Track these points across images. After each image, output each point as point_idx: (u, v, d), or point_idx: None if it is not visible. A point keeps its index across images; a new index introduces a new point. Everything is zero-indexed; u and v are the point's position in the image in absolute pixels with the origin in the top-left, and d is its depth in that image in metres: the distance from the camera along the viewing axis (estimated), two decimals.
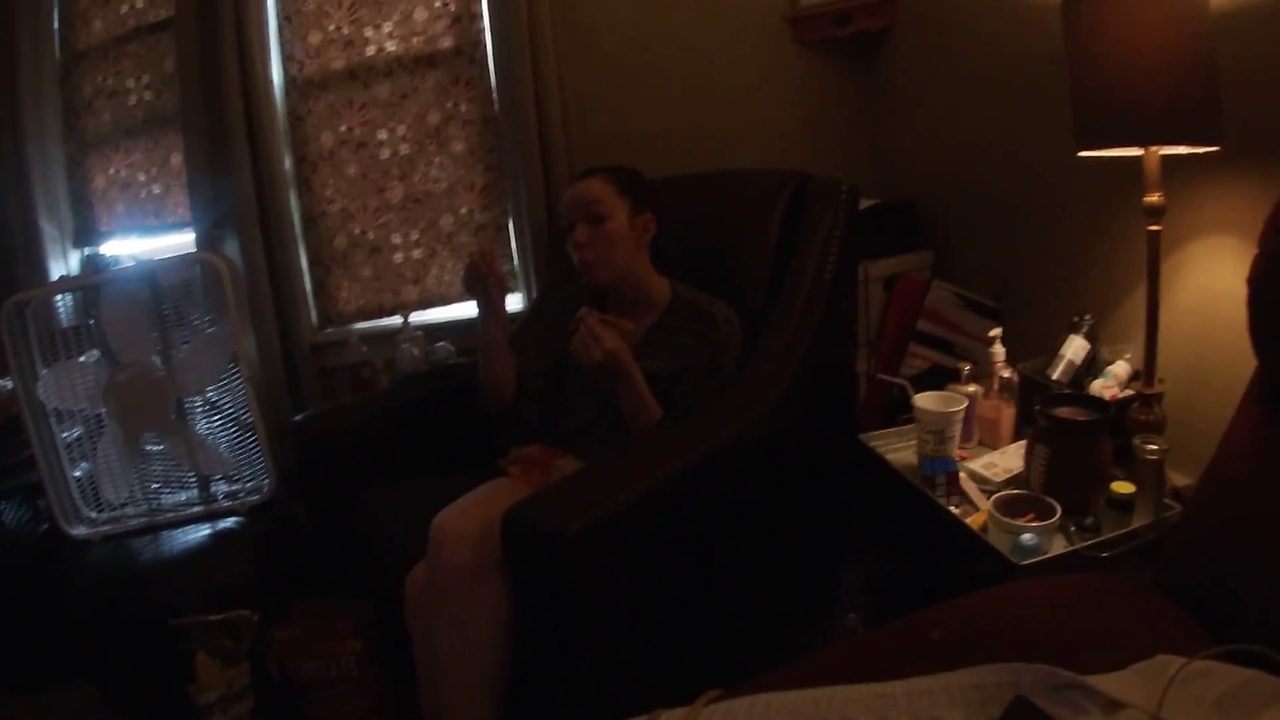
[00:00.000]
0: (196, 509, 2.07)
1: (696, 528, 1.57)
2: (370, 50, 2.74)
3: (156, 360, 2.04)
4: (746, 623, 1.73)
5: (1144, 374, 1.67)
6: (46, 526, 2.25)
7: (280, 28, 2.73)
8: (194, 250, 2.67)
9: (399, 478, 1.96)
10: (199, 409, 2.07)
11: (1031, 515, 1.51)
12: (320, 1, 2.71)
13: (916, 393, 1.80)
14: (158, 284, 2.03)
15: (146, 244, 3.03)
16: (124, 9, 2.97)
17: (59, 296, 2.46)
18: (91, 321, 2.10)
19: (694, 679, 1.03)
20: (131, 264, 2.07)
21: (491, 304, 1.91)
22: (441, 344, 2.48)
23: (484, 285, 1.87)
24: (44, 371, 2.05)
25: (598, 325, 1.62)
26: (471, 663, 1.50)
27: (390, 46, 2.74)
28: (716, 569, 1.63)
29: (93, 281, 2.09)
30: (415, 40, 2.73)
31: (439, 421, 2.12)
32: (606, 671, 1.42)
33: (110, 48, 3.02)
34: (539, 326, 2.09)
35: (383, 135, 2.77)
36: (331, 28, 2.73)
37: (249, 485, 2.08)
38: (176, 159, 2.91)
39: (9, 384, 2.67)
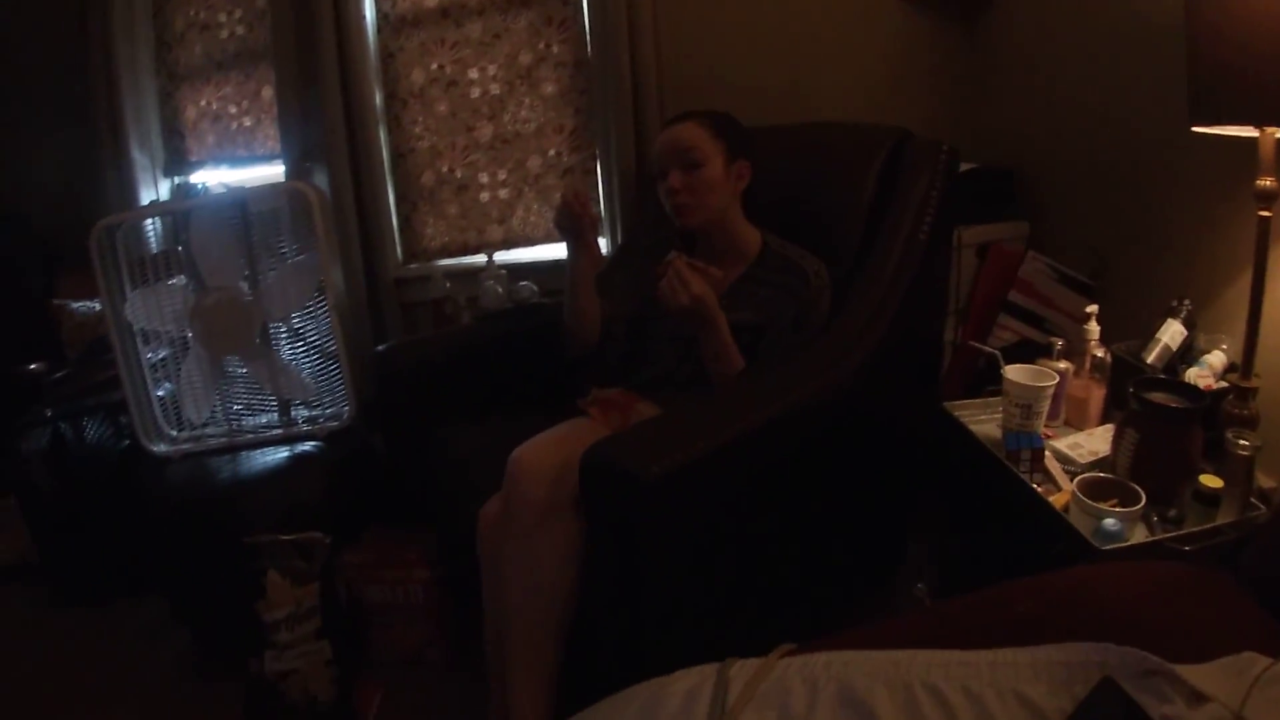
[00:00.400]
0: (276, 432, 2.10)
1: (771, 483, 1.54)
2: None
3: (244, 286, 2.06)
4: (812, 583, 1.70)
5: (1241, 366, 1.58)
6: (127, 443, 2.31)
7: None
8: (262, 184, 2.67)
9: (477, 413, 1.96)
10: (283, 335, 2.09)
11: (1115, 501, 1.45)
12: None
13: (1006, 364, 1.74)
14: (248, 211, 2.05)
15: (235, 175, 3.08)
16: None
17: (149, 222, 2.53)
18: (180, 248, 2.14)
19: (754, 635, 1.01)
20: (222, 190, 2.10)
21: (583, 245, 1.89)
22: (525, 283, 2.47)
23: (577, 226, 1.85)
24: (132, 293, 2.09)
25: (686, 269, 1.59)
26: (539, 597, 1.49)
27: None
28: (787, 526, 1.60)
29: (183, 206, 2.12)
30: None
31: (519, 359, 2.12)
32: (669, 618, 1.41)
33: None
34: (624, 272, 2.06)
35: (473, 74, 2.75)
36: None
37: (328, 412, 2.11)
38: (267, 92, 2.94)
39: (96, 306, 2.76)
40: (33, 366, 2.61)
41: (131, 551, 2.36)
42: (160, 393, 2.14)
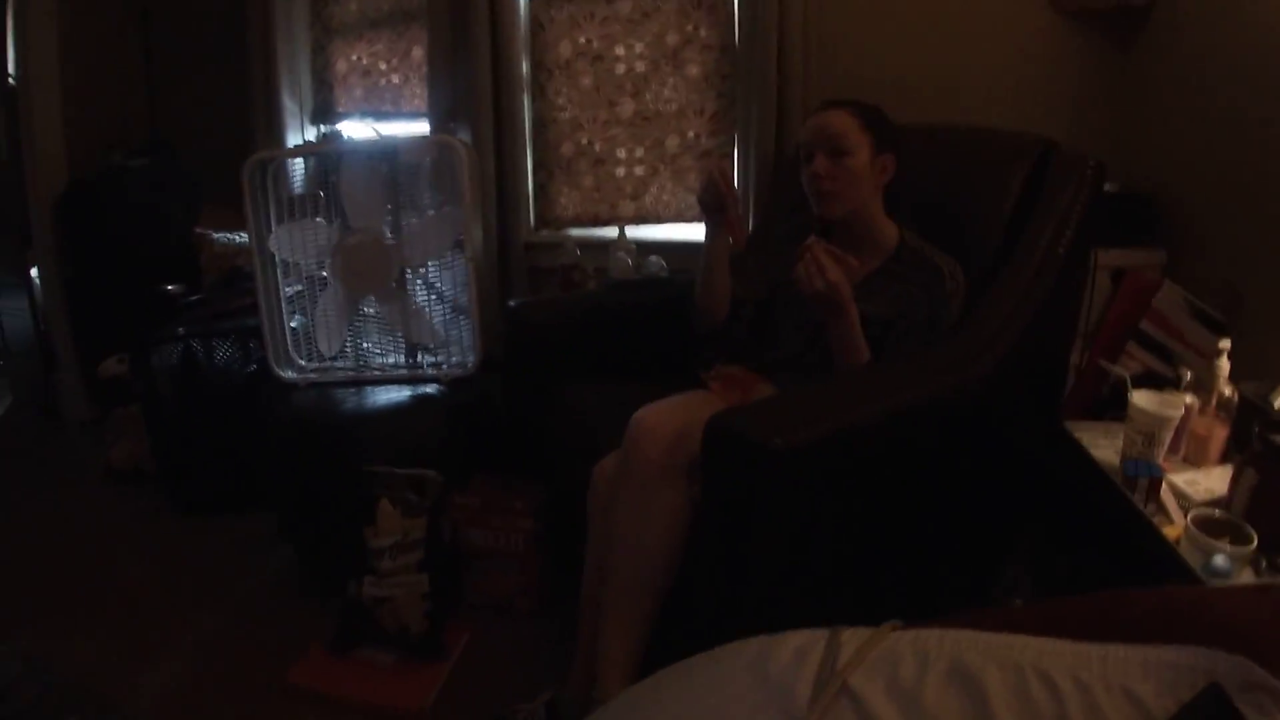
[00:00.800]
0: (400, 373, 2.18)
1: (885, 474, 1.53)
2: None
3: (386, 230, 2.15)
4: (911, 580, 1.70)
5: None
6: (255, 367, 2.43)
7: None
8: (413, 136, 2.75)
9: (598, 375, 2.00)
10: (419, 282, 2.17)
11: (1227, 539, 1.42)
12: None
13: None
14: (398, 159, 2.13)
15: (380, 128, 3.13)
16: None
17: (296, 164, 2.64)
18: (323, 191, 2.23)
19: (852, 617, 1.03)
20: (373, 139, 2.19)
21: (724, 223, 1.90)
22: (654, 258, 2.52)
23: (721, 203, 1.87)
24: (279, 226, 2.19)
25: (823, 255, 1.59)
26: (643, 555, 1.52)
27: None
28: (895, 520, 1.60)
29: (337, 149, 2.21)
30: None
31: (644, 328, 2.15)
32: (772, 590, 1.42)
33: None
34: (758, 255, 2.06)
35: (620, 51, 2.80)
36: None
37: (453, 360, 2.17)
38: (418, 52, 3.05)
39: (234, 238, 2.90)
40: (171, 288, 2.76)
41: (245, 469, 2.48)
42: (293, 324, 2.24)
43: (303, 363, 2.24)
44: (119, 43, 3.77)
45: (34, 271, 3.79)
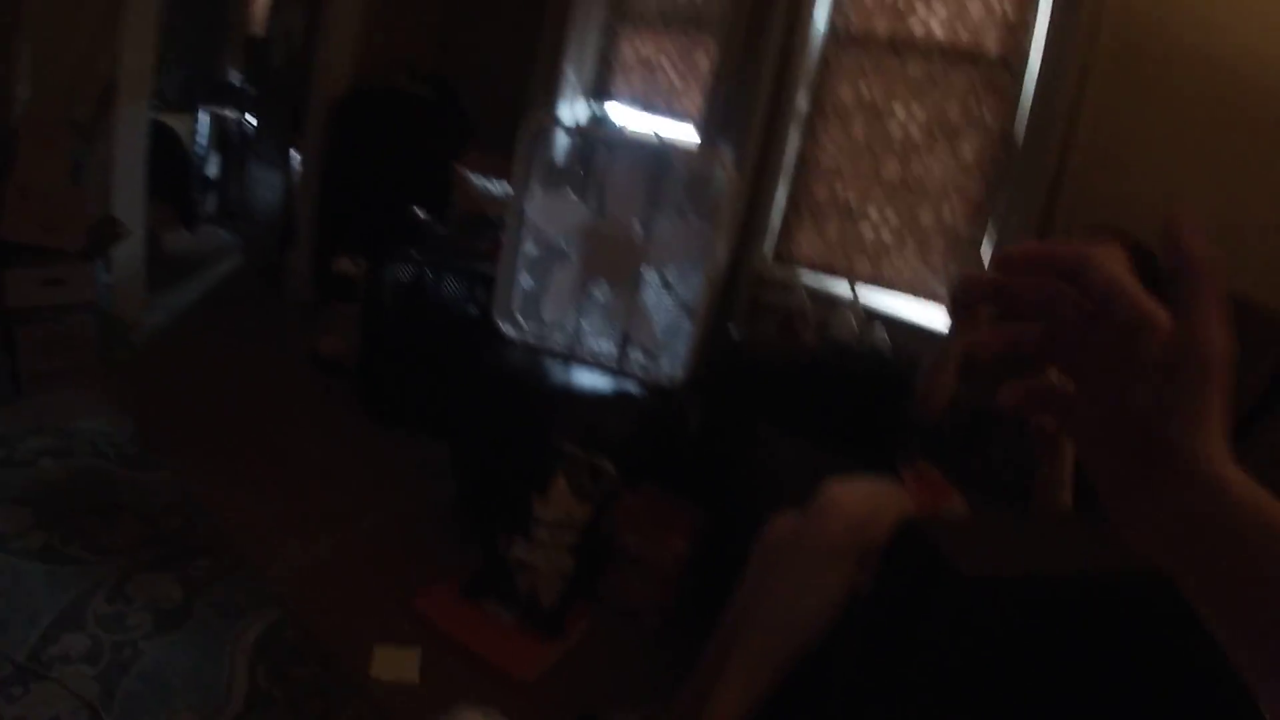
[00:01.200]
0: (609, 362, 2.26)
1: (1077, 639, 1.48)
2: (915, 26, 2.73)
3: (637, 226, 2.22)
4: None
5: None
6: (475, 311, 2.58)
7: None
8: (690, 145, 2.83)
9: (797, 426, 2.02)
10: (653, 283, 2.23)
11: None
12: None
13: None
14: (667, 162, 2.20)
15: (647, 121, 3.24)
16: None
17: (561, 135, 2.76)
18: (582, 172, 2.33)
19: None
20: (650, 136, 2.26)
21: (969, 327, 1.86)
22: (878, 326, 2.49)
23: (973, 305, 1.82)
24: (541, 192, 2.31)
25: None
26: (789, 630, 1.52)
27: (935, 29, 2.71)
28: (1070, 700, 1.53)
29: (615, 137, 2.31)
30: (961, 33, 2.68)
31: (854, 398, 2.15)
32: (908, 711, 1.41)
33: None
34: (990, 364, 2.03)
35: (899, 111, 2.78)
36: None
37: (663, 366, 2.22)
38: (703, 61, 3.11)
39: (490, 184, 3.06)
40: (420, 213, 2.94)
41: (436, 398, 2.63)
42: (524, 284, 2.35)
43: (522, 322, 2.35)
44: None
45: (295, 157, 4.12)
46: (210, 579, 2.00)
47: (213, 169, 6.04)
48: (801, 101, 2.83)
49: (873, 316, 2.60)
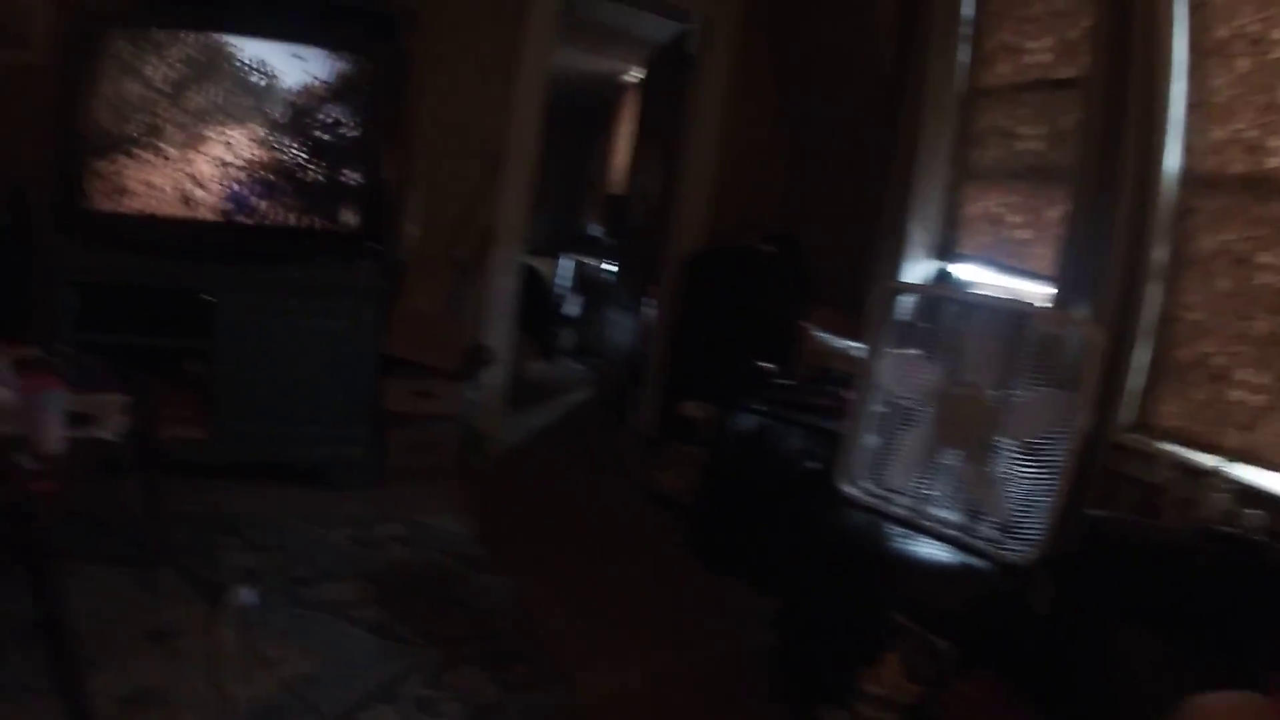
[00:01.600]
0: (953, 533, 2.20)
1: None
2: (1273, 161, 2.44)
3: (992, 390, 2.19)
4: None
5: None
6: (816, 466, 2.64)
7: (1186, 113, 2.59)
8: (1048, 306, 2.74)
9: (1153, 620, 1.86)
10: (1008, 452, 2.18)
11: None
12: (1232, 98, 2.50)
13: None
14: (1021, 323, 2.17)
15: (996, 279, 3.17)
16: (1029, 59, 3.16)
17: (912, 295, 2.80)
18: (932, 332, 2.34)
19: None
20: (1004, 296, 2.24)
21: None
22: (1256, 512, 2.24)
23: None
24: (890, 353, 2.35)
25: None
26: None
27: None
28: None
29: (969, 297, 2.31)
30: None
31: (1225, 593, 1.94)
32: None
33: (1010, 92, 3.25)
34: None
35: (1265, 259, 2.48)
36: (1238, 127, 2.50)
37: (1013, 543, 2.13)
38: (1052, 213, 3.00)
39: (833, 340, 3.16)
40: (765, 366, 3.11)
41: (766, 549, 2.70)
42: (868, 443, 2.39)
43: (865, 483, 2.38)
44: (773, 139, 4.37)
45: (650, 304, 4.54)
46: (524, 685, 2.17)
47: (571, 308, 6.77)
48: (1159, 253, 2.65)
49: (1245, 496, 2.32)
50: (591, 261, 6.76)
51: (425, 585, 2.56)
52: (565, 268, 7.22)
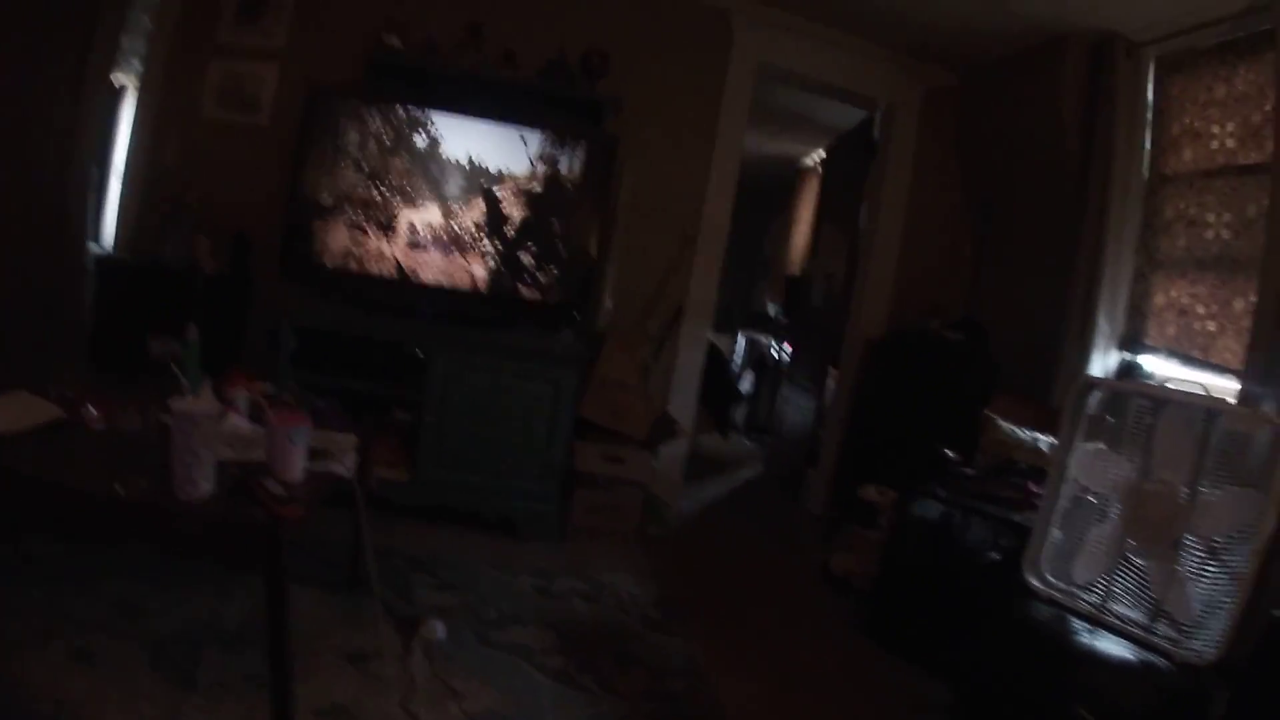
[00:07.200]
0: (1134, 630, 2.12)
1: None
2: None
3: (1183, 488, 2.12)
4: None
5: None
6: (997, 558, 2.59)
7: None
8: (1236, 403, 2.62)
9: None
10: (1196, 552, 2.09)
11: None
12: None
13: None
14: (1212, 420, 2.09)
15: (1183, 372, 3.07)
16: (1214, 145, 3.07)
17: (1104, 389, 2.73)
18: (1110, 419, 2.28)
19: None
20: (1195, 391, 2.16)
21: None
22: None
23: None
24: (1081, 446, 2.31)
25: None
26: None
27: None
28: None
29: (1163, 394, 2.24)
30: None
31: None
32: None
33: (1196, 179, 3.16)
34: None
35: None
36: None
37: (1194, 643, 2.04)
38: (1239, 304, 2.88)
39: (1019, 431, 3.11)
40: (949, 453, 3.08)
41: (945, 639, 2.65)
42: (1055, 539, 2.34)
43: (1049, 576, 2.32)
44: (956, 225, 4.38)
45: (829, 385, 4.57)
46: None
47: (745, 385, 6.86)
48: None
49: None
50: (764, 339, 6.84)
51: (606, 640, 2.65)
52: (740, 344, 7.34)
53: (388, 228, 3.42)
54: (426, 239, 3.44)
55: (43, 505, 1.80)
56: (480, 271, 3.46)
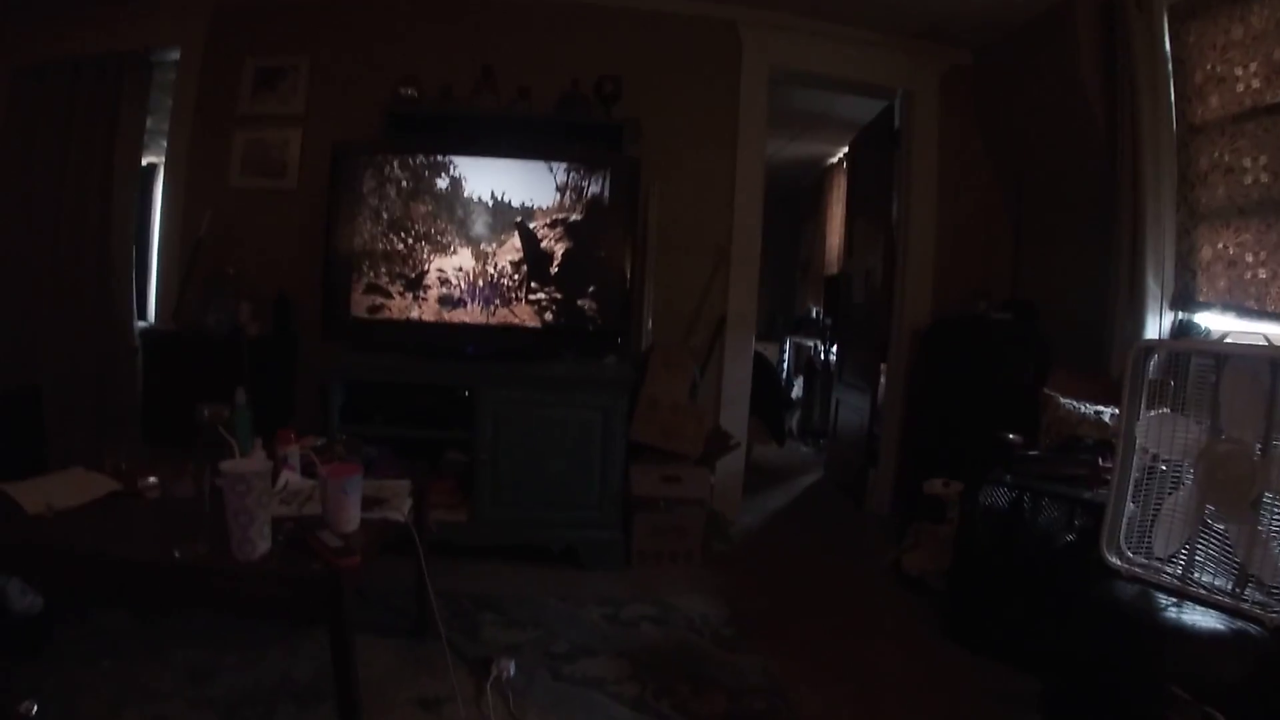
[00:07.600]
0: (1222, 599, 2.04)
1: None
2: None
3: (1256, 444, 2.03)
4: None
5: None
6: (1073, 538, 2.51)
7: None
8: None
9: None
10: (1276, 510, 2.01)
11: None
12: None
13: None
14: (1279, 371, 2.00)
15: (1239, 324, 2.98)
16: (1240, 87, 2.98)
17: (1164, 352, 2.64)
18: (1172, 382, 2.19)
19: None
20: (1261, 344, 2.06)
21: None
22: None
23: None
24: (1148, 414, 2.22)
25: None
26: None
27: None
28: None
29: (1224, 349, 2.16)
30: None
31: None
32: None
33: (1226, 125, 3.06)
34: None
35: None
36: None
37: None
38: None
39: (1080, 406, 3.01)
40: (1010, 436, 2.99)
41: (1029, 628, 2.57)
42: (1129, 513, 2.25)
43: (1129, 552, 2.23)
44: (989, 205, 4.30)
45: (880, 381, 4.50)
46: None
47: (794, 390, 6.79)
48: None
49: None
50: (809, 343, 6.78)
51: (680, 664, 2.61)
52: (787, 350, 7.28)
53: (422, 273, 3.46)
54: (464, 278, 3.46)
55: (105, 578, 1.83)
56: (520, 305, 3.48)
